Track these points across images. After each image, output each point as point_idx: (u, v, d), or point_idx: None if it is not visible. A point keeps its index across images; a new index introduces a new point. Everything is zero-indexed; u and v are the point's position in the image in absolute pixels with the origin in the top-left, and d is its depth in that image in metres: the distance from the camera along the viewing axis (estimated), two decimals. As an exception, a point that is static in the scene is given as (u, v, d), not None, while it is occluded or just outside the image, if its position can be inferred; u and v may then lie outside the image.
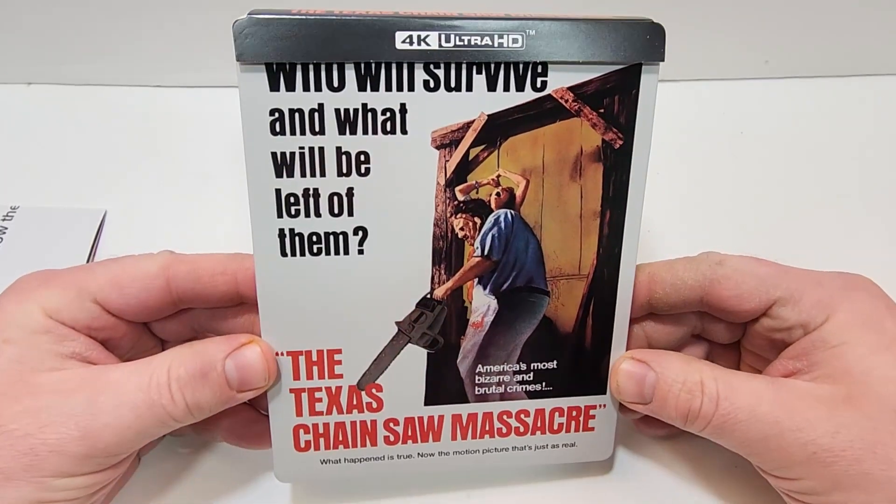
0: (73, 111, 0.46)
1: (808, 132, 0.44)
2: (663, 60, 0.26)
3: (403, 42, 0.24)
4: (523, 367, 0.29)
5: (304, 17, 0.24)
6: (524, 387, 0.30)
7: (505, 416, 0.30)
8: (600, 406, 0.30)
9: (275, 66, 0.24)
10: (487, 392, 0.30)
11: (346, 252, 0.27)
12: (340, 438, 0.29)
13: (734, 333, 0.31)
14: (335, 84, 0.24)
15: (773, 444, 0.26)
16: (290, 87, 0.24)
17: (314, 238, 0.26)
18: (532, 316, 0.29)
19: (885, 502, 0.24)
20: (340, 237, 0.26)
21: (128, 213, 0.41)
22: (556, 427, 0.30)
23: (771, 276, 0.28)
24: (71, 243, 0.40)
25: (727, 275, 0.28)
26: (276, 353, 0.28)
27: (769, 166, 0.43)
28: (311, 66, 0.24)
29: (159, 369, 0.26)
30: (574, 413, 0.30)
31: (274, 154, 0.25)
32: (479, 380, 0.29)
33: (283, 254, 0.26)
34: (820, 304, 0.27)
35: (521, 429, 0.30)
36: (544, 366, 0.29)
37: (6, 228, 0.40)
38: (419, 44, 0.24)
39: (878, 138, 0.44)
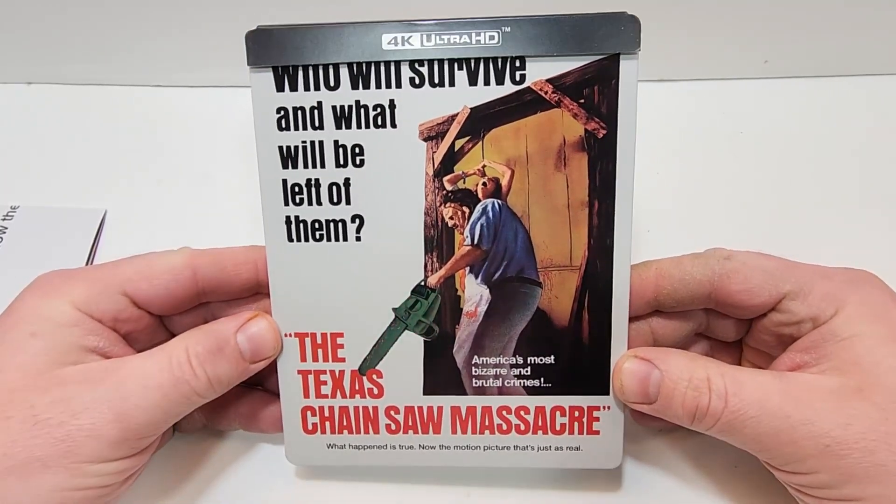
0: (73, 111, 0.46)
1: (808, 132, 0.42)
2: (639, 49, 0.26)
3: (389, 43, 0.27)
4: (520, 360, 0.30)
5: (303, 25, 0.27)
6: (522, 381, 0.30)
7: (504, 412, 0.30)
8: (604, 408, 0.30)
9: (280, 69, 0.27)
10: (485, 385, 0.30)
11: (345, 238, 0.29)
12: (345, 423, 0.31)
13: (740, 330, 0.29)
14: (331, 83, 0.28)
15: (784, 438, 0.25)
16: (294, 87, 0.28)
17: (316, 225, 0.29)
18: (525, 307, 0.29)
19: None
20: (339, 224, 0.29)
21: (128, 213, 0.41)
22: (558, 427, 0.30)
23: (779, 270, 0.27)
24: (71, 243, 0.40)
25: (736, 269, 0.28)
26: (285, 335, 0.30)
27: (769, 166, 0.41)
28: (310, 68, 0.27)
29: (177, 350, 0.28)
30: (577, 413, 0.30)
31: (280, 148, 0.28)
32: (475, 371, 0.30)
33: (290, 239, 0.29)
34: (829, 297, 0.26)
35: (522, 426, 0.30)
36: (541, 360, 0.29)
37: (6, 228, 0.40)
38: (403, 44, 0.27)
39: (877, 138, 0.42)
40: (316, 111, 0.28)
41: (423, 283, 0.29)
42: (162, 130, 0.45)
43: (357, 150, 0.28)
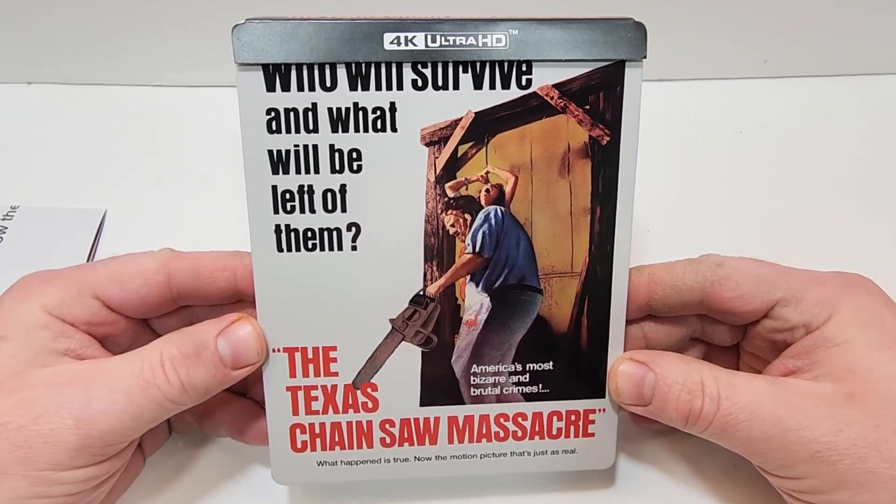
0: (73, 111, 0.46)
1: (807, 132, 0.44)
2: (645, 57, 0.26)
3: (391, 43, 0.25)
4: (519, 367, 0.29)
5: (298, 21, 0.25)
6: (520, 388, 0.29)
7: (502, 420, 0.30)
8: (600, 410, 0.30)
9: (271, 68, 0.25)
10: (483, 393, 0.29)
11: (340, 248, 0.27)
12: (337, 439, 0.29)
13: (734, 336, 0.30)
14: (328, 84, 0.26)
15: (775, 443, 0.25)
16: (286, 87, 0.26)
17: (309, 234, 0.27)
18: (526, 314, 0.29)
19: (888, 500, 0.24)
20: (334, 233, 0.27)
21: (128, 213, 0.41)
22: (554, 432, 0.30)
23: (772, 277, 0.28)
24: (71, 243, 0.40)
25: (728, 275, 0.28)
26: (273, 349, 0.28)
27: (768, 166, 0.42)
28: (304, 67, 0.25)
29: (151, 353, 0.26)
30: (573, 417, 0.30)
31: (270, 152, 0.26)
32: (474, 380, 0.29)
33: (280, 249, 0.27)
34: (822, 304, 0.27)
35: (519, 433, 0.30)
36: (540, 367, 0.29)
37: (6, 228, 0.40)
38: (406, 44, 0.25)
39: (876, 138, 0.44)
40: (310, 113, 0.26)
41: (421, 293, 0.28)
42: (162, 130, 0.44)
43: (354, 154, 0.27)
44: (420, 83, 0.26)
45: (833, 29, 0.43)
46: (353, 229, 0.27)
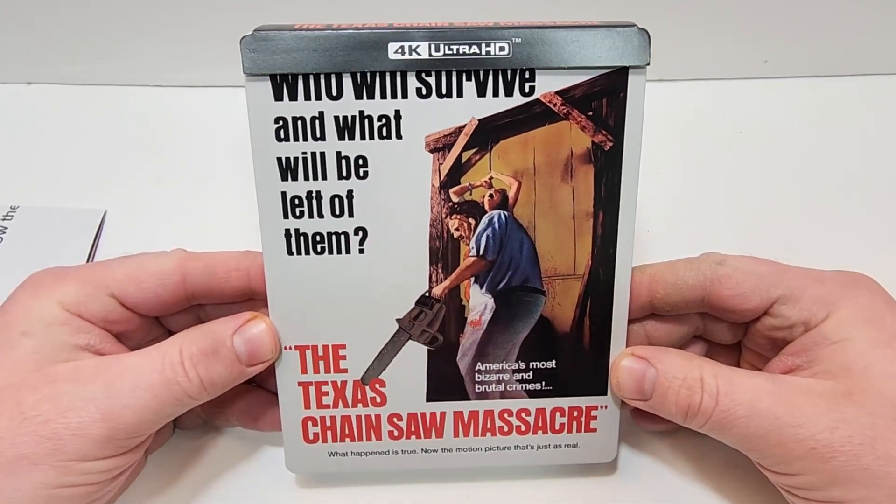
0: (73, 111, 0.46)
1: (808, 132, 0.43)
2: (649, 64, 0.26)
3: (396, 52, 0.26)
4: (522, 365, 0.30)
5: (304, 32, 0.26)
6: (524, 385, 0.30)
7: (506, 415, 0.31)
8: (602, 407, 0.31)
9: (278, 78, 0.26)
10: (488, 390, 0.30)
11: (348, 251, 0.28)
12: (347, 432, 0.31)
13: (736, 334, 0.31)
14: (334, 93, 0.26)
15: (772, 439, 0.26)
16: (293, 96, 0.26)
17: (318, 238, 0.28)
18: (529, 315, 0.29)
19: (884, 497, 0.24)
20: (342, 237, 0.28)
21: (128, 213, 0.42)
22: (557, 427, 0.31)
23: (771, 275, 0.28)
24: (71, 243, 0.40)
25: (728, 274, 0.28)
26: (285, 347, 0.29)
27: (768, 166, 0.42)
28: (311, 77, 0.26)
29: (171, 350, 0.27)
30: (575, 413, 0.31)
31: (279, 159, 0.27)
32: (478, 377, 0.30)
33: (290, 252, 0.28)
34: (821, 301, 0.27)
35: (523, 428, 0.31)
36: (543, 365, 0.30)
37: (6, 228, 0.40)
38: (410, 53, 0.26)
39: (876, 138, 0.43)
40: (317, 121, 0.27)
41: (427, 294, 0.29)
42: (162, 130, 0.45)
43: (361, 161, 0.27)
44: (424, 91, 0.26)
45: (833, 29, 0.43)
46: (361, 233, 0.28)
